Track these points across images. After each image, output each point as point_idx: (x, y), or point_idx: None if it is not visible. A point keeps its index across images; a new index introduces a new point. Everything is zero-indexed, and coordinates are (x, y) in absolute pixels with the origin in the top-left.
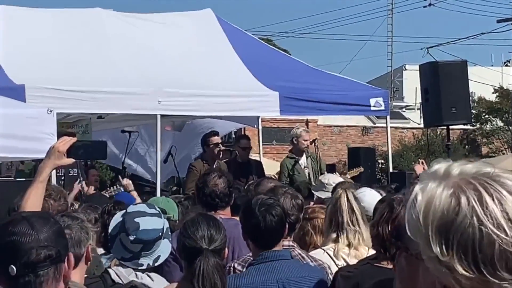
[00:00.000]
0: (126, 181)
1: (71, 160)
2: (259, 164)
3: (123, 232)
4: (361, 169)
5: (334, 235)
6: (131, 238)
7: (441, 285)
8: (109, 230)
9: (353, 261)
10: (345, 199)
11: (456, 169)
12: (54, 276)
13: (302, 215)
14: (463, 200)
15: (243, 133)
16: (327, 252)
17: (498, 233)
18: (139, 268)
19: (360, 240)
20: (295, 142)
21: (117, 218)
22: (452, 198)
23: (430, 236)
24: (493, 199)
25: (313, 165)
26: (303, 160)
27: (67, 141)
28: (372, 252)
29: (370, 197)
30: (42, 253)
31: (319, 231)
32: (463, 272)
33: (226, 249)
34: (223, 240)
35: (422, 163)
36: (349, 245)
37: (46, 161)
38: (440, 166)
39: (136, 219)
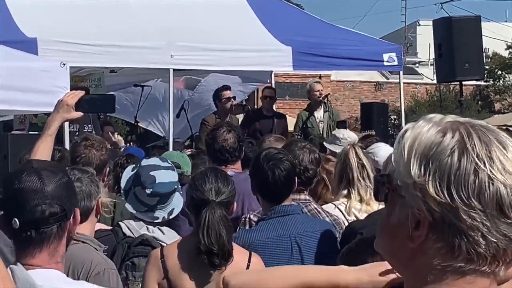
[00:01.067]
0: (118, 138)
1: (79, 114)
2: (283, 117)
3: (138, 185)
4: (373, 132)
5: (345, 192)
6: (148, 191)
7: (414, 218)
8: (121, 184)
9: (363, 217)
10: (354, 154)
11: (450, 118)
12: (57, 233)
13: (319, 169)
14: (449, 134)
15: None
16: (338, 208)
17: (478, 162)
18: (155, 221)
19: (371, 195)
20: (309, 96)
21: (128, 172)
22: (439, 134)
23: (411, 162)
24: (480, 140)
25: (329, 120)
26: (319, 114)
27: (76, 95)
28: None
29: (385, 152)
30: (47, 211)
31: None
32: (435, 195)
33: (235, 203)
34: (231, 194)
35: None
36: (360, 200)
37: (54, 114)
38: (436, 115)
39: (152, 173)
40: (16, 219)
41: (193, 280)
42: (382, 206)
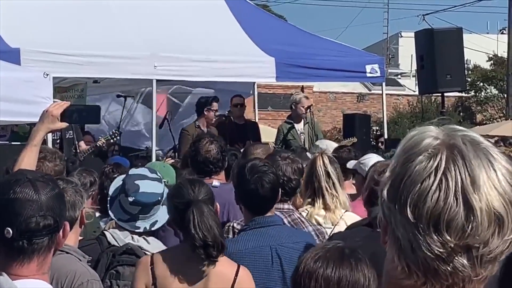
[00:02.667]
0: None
1: (64, 124)
2: (255, 125)
3: (122, 193)
4: (355, 139)
5: (309, 199)
6: (130, 199)
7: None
8: (110, 192)
9: (328, 224)
10: (321, 163)
11: (454, 127)
12: (48, 245)
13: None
14: (430, 139)
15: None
16: (300, 214)
17: (433, 172)
18: (136, 230)
19: (337, 203)
20: (294, 108)
21: (118, 181)
22: (425, 139)
23: (391, 163)
24: (458, 153)
25: (309, 132)
26: (300, 126)
27: (61, 105)
28: (348, 214)
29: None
30: (41, 223)
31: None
32: (385, 196)
33: (217, 204)
34: (209, 192)
35: None
36: (325, 208)
37: (39, 125)
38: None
39: (137, 182)
40: (9, 228)
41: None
42: (346, 214)
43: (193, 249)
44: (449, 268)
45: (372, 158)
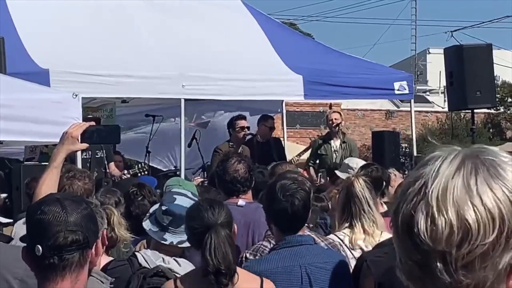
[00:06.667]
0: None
1: (84, 145)
2: (278, 142)
3: (160, 205)
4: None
5: (347, 224)
6: (163, 208)
7: None
8: (151, 210)
9: (369, 248)
10: (359, 186)
11: (465, 149)
12: (79, 261)
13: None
14: (432, 155)
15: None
16: (343, 241)
17: (405, 188)
18: (162, 242)
19: (374, 227)
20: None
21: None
22: (443, 159)
23: None
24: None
25: (345, 152)
26: (336, 144)
27: (80, 126)
28: (386, 235)
29: None
30: (69, 237)
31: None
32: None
33: (235, 226)
34: (229, 214)
35: None
36: (364, 232)
37: (59, 146)
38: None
39: (175, 196)
40: (39, 245)
41: None
42: (383, 237)
43: (204, 274)
44: (428, 274)
45: None
